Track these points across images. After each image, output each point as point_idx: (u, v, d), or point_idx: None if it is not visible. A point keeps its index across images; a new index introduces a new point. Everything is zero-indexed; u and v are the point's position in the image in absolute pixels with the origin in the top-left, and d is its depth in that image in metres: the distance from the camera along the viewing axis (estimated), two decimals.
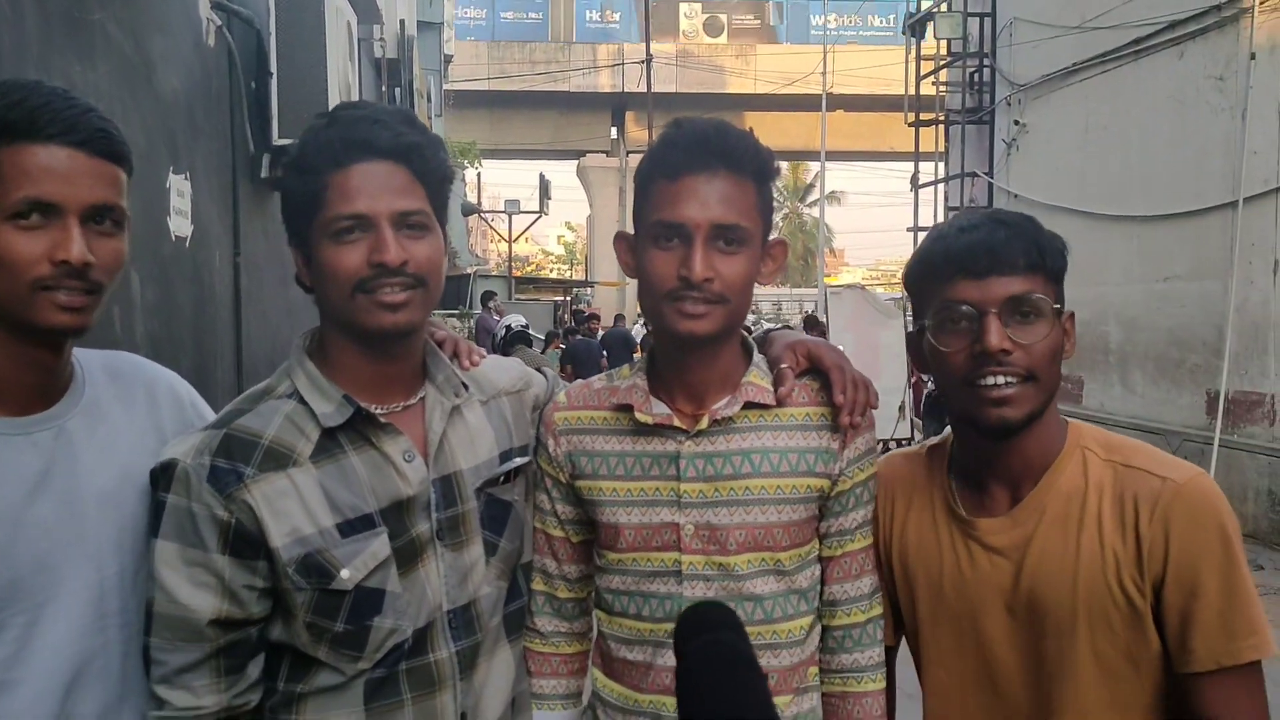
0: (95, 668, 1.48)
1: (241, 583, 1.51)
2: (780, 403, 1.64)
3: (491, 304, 17.50)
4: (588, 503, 1.70)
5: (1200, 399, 9.63)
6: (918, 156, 16.25)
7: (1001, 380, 1.50)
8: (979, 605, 1.61)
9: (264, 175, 5.93)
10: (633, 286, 1.70)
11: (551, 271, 59.73)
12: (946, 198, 15.28)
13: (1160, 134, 10.30)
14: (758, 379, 1.65)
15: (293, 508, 1.51)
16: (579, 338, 15.24)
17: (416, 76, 14.28)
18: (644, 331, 17.13)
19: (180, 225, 4.56)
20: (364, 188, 1.51)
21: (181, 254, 4.60)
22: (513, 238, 29.60)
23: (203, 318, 4.92)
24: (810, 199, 42.84)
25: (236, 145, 5.62)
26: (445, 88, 21.06)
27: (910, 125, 15.88)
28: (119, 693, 1.51)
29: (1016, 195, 12.73)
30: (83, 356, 1.58)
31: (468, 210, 24.57)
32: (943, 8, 15.10)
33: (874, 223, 75.67)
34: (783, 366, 1.66)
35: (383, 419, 1.58)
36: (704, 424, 1.61)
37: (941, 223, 1.58)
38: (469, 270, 23.53)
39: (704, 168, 1.53)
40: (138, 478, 1.54)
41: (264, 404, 1.58)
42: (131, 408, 1.60)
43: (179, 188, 4.54)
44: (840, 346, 1.90)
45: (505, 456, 1.72)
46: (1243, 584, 1.46)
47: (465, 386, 1.69)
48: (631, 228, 1.68)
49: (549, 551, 1.78)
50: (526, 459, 1.76)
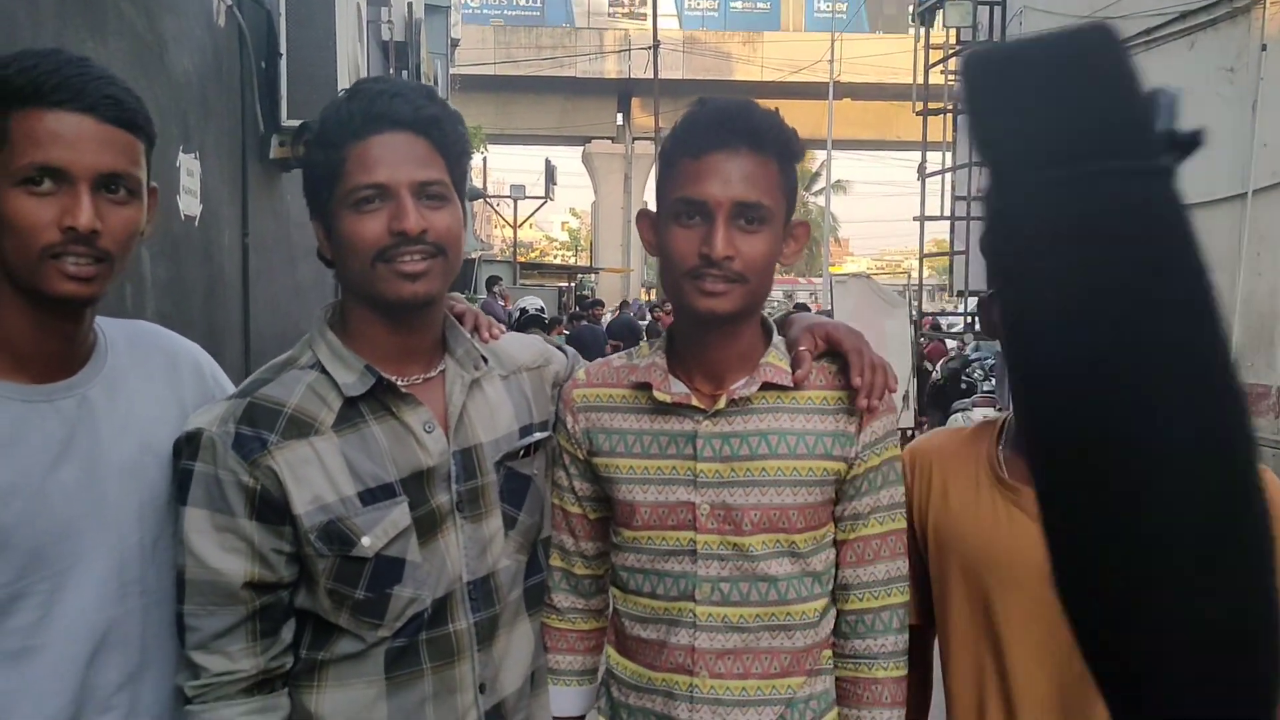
0: (116, 636, 1.49)
1: (270, 547, 1.53)
2: (798, 384, 1.64)
3: (496, 289, 17.50)
4: (604, 480, 1.71)
5: None
6: (925, 146, 16.18)
7: None
8: (1011, 575, 1.58)
9: (273, 155, 5.94)
10: (637, 274, 1.70)
11: (556, 257, 59.67)
12: (954, 187, 15.23)
13: None
14: (776, 360, 1.65)
15: (315, 475, 1.53)
16: (584, 323, 15.26)
17: (423, 60, 14.24)
18: (649, 319, 17.15)
19: (190, 204, 4.56)
20: (384, 158, 1.52)
21: (191, 233, 4.61)
22: (517, 223, 29.60)
23: (212, 297, 4.93)
24: (816, 187, 42.79)
25: (246, 125, 5.63)
26: (451, 71, 20.99)
27: (918, 114, 15.80)
28: (139, 661, 1.52)
29: None
30: (106, 326, 1.58)
31: (473, 195, 24.49)
32: None
33: (879, 212, 75.70)
34: (801, 349, 1.66)
35: (404, 390, 1.60)
36: (721, 404, 1.62)
37: None
38: (474, 255, 23.51)
39: (726, 145, 1.54)
40: (158, 447, 1.55)
41: (287, 374, 1.60)
42: (153, 378, 1.61)
43: (189, 167, 4.54)
44: None
45: (525, 431, 1.73)
46: None
47: (485, 360, 1.70)
48: (636, 214, 1.69)
49: (566, 528, 1.79)
50: (546, 434, 1.77)
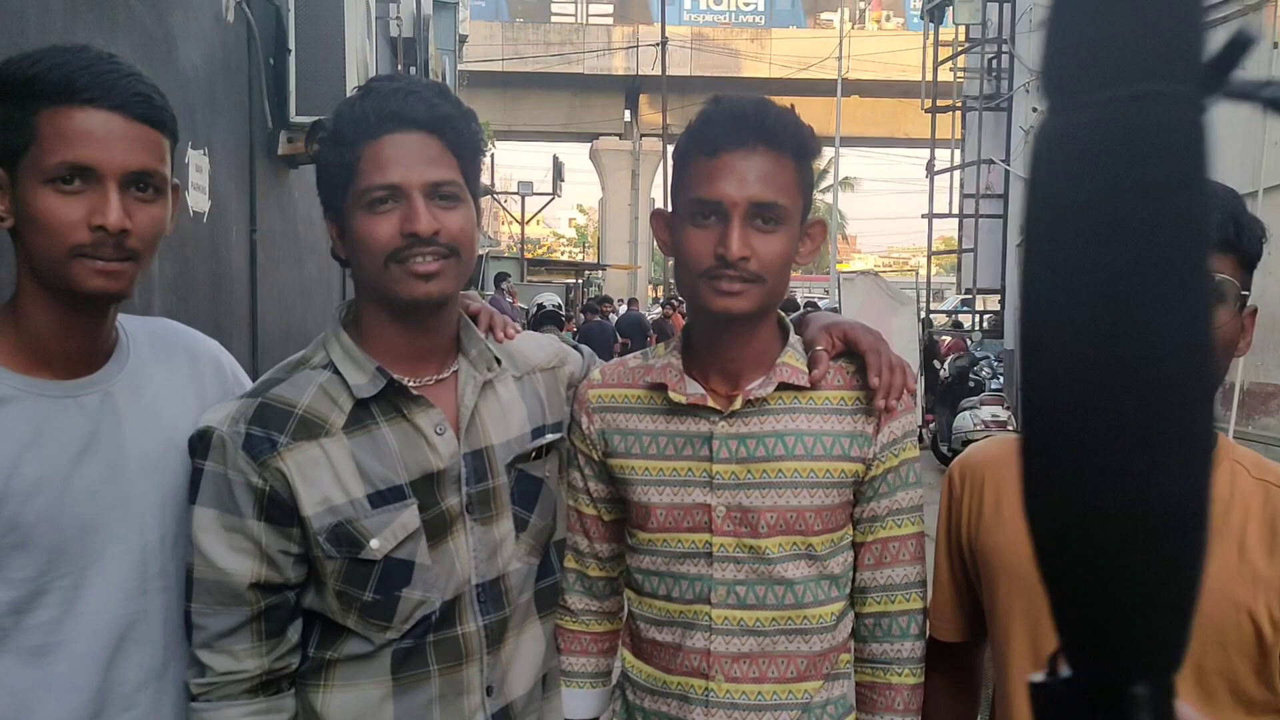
0: (138, 633, 1.49)
1: (278, 548, 1.53)
2: (815, 385, 1.62)
3: (504, 285, 17.54)
4: (619, 481, 1.69)
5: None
6: (934, 143, 16.17)
7: None
8: None
9: (281, 152, 5.93)
10: (644, 270, 1.68)
11: (563, 254, 59.71)
12: (963, 185, 15.22)
13: None
14: (793, 360, 1.63)
15: (324, 477, 1.52)
16: (596, 319, 15.31)
17: (432, 56, 14.25)
18: (658, 314, 17.15)
19: (198, 200, 4.55)
20: (396, 158, 1.51)
21: (199, 229, 4.59)
22: (525, 220, 29.59)
23: (219, 293, 4.92)
24: (824, 184, 42.77)
25: (254, 121, 5.61)
26: (460, 68, 21.00)
27: (927, 111, 15.80)
28: (162, 659, 1.52)
29: None
30: (127, 323, 1.59)
31: (481, 191, 24.53)
32: None
33: (887, 209, 75.61)
34: (818, 348, 1.64)
35: (415, 391, 1.59)
36: (738, 404, 1.60)
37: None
38: (481, 251, 23.52)
39: (742, 144, 1.51)
40: (180, 444, 1.55)
41: (299, 374, 1.59)
42: (175, 374, 1.62)
43: (197, 163, 4.53)
44: None
45: (538, 433, 1.71)
46: None
47: (498, 361, 1.69)
48: (642, 210, 1.67)
49: (581, 529, 1.78)
50: (559, 435, 1.76)
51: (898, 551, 1.67)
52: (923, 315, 14.22)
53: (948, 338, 14.49)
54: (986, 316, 15.20)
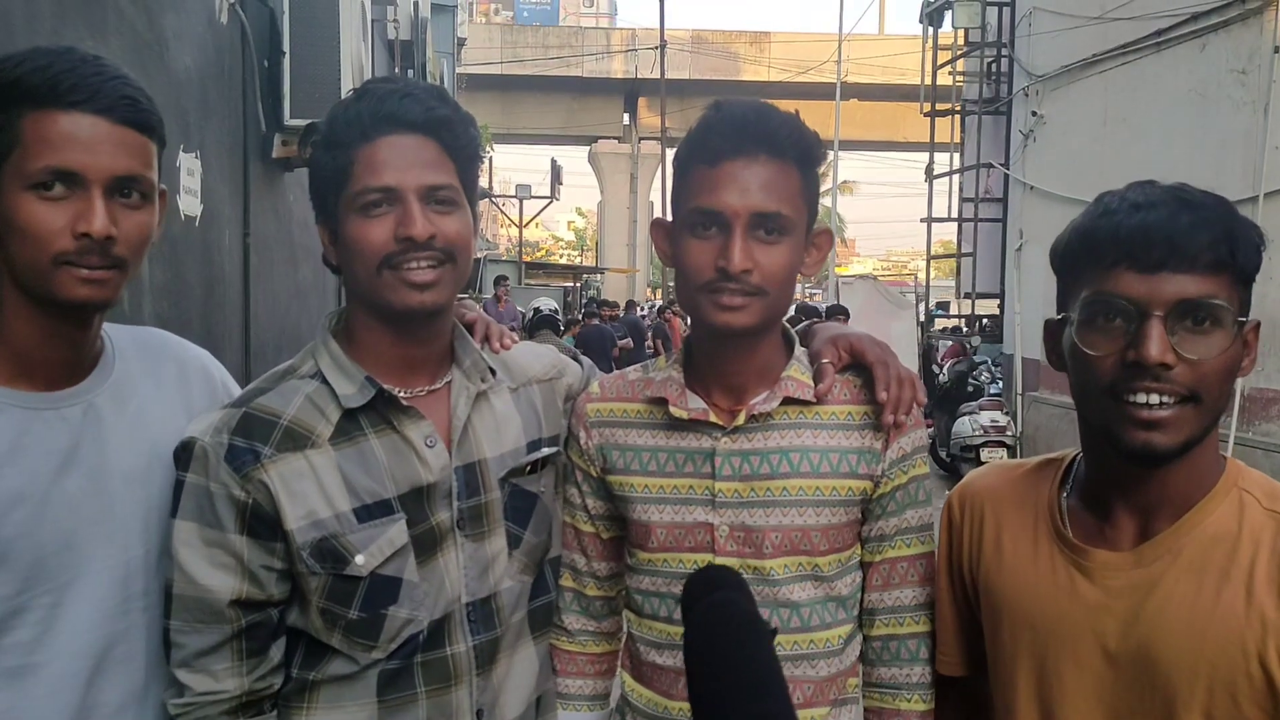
0: (119, 653, 1.45)
1: (260, 563, 1.48)
2: (820, 399, 1.57)
3: (498, 290, 17.50)
4: (619, 499, 1.64)
5: None
6: (933, 147, 16.13)
7: (1156, 399, 1.24)
8: (1069, 647, 1.37)
9: (275, 155, 5.88)
10: (642, 274, 1.63)
11: (561, 257, 59.73)
12: (961, 189, 15.18)
13: (1180, 127, 10.17)
14: (798, 374, 1.58)
15: (309, 490, 1.48)
16: (595, 322, 15.29)
17: (429, 59, 14.20)
18: (656, 319, 17.14)
19: (190, 204, 4.51)
20: (392, 161, 1.47)
21: (191, 233, 4.55)
22: (523, 223, 29.58)
23: (212, 298, 4.88)
24: (823, 188, 42.63)
25: (248, 125, 5.57)
26: (458, 71, 20.96)
27: (926, 115, 15.75)
28: (143, 680, 1.48)
29: (1033, 187, 12.62)
30: (113, 332, 1.55)
31: (479, 195, 24.55)
32: None
33: (886, 213, 75.67)
34: (824, 361, 1.59)
35: (406, 402, 1.54)
36: (741, 420, 1.55)
37: (1109, 192, 1.31)
38: (479, 254, 23.52)
39: (744, 153, 1.46)
40: (166, 457, 1.51)
41: (286, 383, 1.55)
42: (161, 386, 1.57)
43: (189, 166, 4.49)
44: None
45: (533, 446, 1.67)
46: None
47: (493, 372, 1.64)
48: (640, 213, 1.62)
49: (578, 547, 1.72)
50: (555, 449, 1.71)
51: (906, 572, 1.62)
52: (922, 319, 14.20)
53: (948, 342, 14.46)
54: (984, 320, 15.16)
